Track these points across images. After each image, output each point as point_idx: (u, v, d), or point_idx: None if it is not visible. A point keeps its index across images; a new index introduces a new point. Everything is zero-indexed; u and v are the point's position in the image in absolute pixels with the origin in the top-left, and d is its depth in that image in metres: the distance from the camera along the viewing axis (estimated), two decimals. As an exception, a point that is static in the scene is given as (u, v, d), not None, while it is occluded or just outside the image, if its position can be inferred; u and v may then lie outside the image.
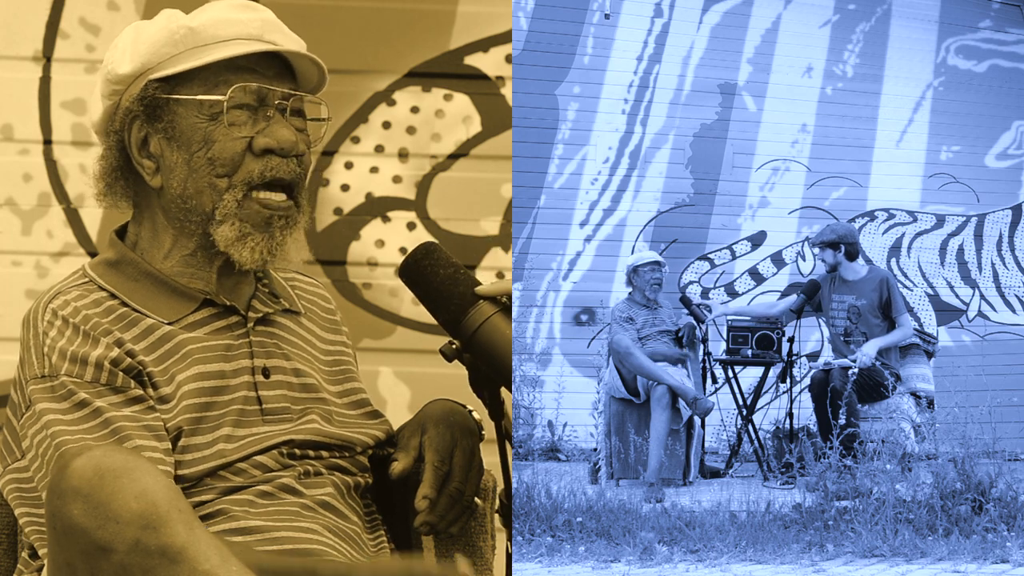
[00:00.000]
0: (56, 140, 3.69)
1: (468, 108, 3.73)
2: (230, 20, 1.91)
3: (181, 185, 1.89)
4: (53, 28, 3.68)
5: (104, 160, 1.92)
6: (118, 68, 1.89)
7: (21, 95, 3.67)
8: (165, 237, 1.93)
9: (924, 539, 4.73)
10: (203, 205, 1.89)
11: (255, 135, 1.88)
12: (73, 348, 1.82)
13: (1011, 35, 8.04)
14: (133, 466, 1.61)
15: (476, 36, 3.73)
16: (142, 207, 1.95)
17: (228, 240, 1.88)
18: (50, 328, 1.84)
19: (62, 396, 1.78)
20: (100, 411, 1.78)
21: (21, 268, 3.67)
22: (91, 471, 1.59)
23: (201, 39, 1.89)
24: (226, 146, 1.88)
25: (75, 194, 3.68)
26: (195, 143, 1.88)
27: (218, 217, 1.88)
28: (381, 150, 3.73)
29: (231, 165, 1.88)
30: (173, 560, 1.58)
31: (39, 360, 1.82)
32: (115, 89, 1.90)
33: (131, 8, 3.67)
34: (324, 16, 3.53)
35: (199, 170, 1.88)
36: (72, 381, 1.79)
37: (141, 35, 1.91)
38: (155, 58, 1.89)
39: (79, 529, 1.59)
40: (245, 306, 1.96)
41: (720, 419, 6.51)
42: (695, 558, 4.60)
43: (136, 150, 1.90)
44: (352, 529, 1.92)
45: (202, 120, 1.88)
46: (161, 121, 1.89)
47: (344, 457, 1.96)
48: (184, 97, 1.88)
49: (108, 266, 1.93)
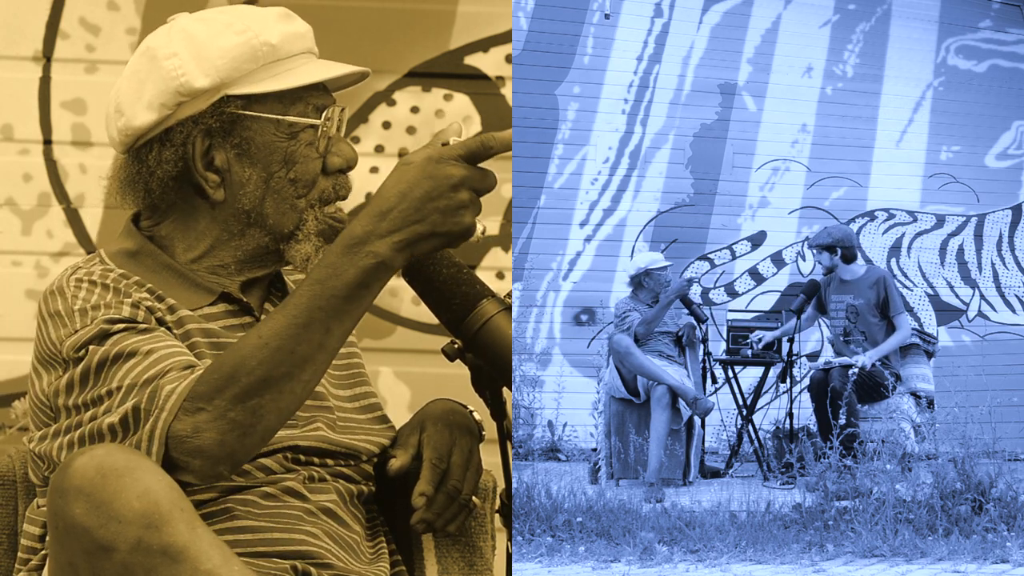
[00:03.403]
0: (56, 140, 3.69)
1: (468, 108, 3.73)
2: (297, 34, 1.89)
3: (254, 202, 1.87)
4: (53, 28, 3.68)
5: (160, 169, 1.86)
6: (193, 81, 1.83)
7: (21, 95, 3.67)
8: (200, 243, 1.90)
9: (924, 539, 4.73)
10: (283, 225, 1.88)
11: (327, 155, 1.89)
12: (106, 301, 1.80)
13: (1011, 35, 8.04)
14: (135, 465, 1.61)
15: (476, 36, 3.73)
16: (176, 210, 1.91)
17: (303, 256, 1.88)
18: (78, 291, 1.81)
19: (111, 332, 1.76)
20: (158, 338, 1.77)
21: (21, 268, 3.67)
22: (93, 470, 1.59)
23: (278, 55, 1.86)
24: (308, 167, 1.87)
25: (75, 194, 3.68)
26: (275, 162, 1.86)
27: (299, 236, 1.88)
28: (381, 150, 3.73)
29: (310, 185, 1.88)
30: (175, 559, 1.58)
31: (70, 319, 1.78)
32: (181, 100, 1.84)
33: (131, 8, 3.67)
34: (324, 16, 3.54)
35: (281, 190, 1.87)
36: (112, 326, 1.77)
37: (210, 45, 1.85)
38: (236, 73, 1.84)
39: (81, 528, 1.59)
40: (259, 308, 1.96)
41: (720, 419, 6.51)
42: (695, 558, 4.60)
43: (200, 163, 1.87)
44: (352, 538, 1.92)
45: (280, 138, 1.86)
46: (233, 136, 1.85)
47: (349, 465, 1.96)
48: (266, 115, 1.86)
49: (127, 256, 1.90)
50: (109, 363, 1.74)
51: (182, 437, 1.65)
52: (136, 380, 1.71)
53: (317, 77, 1.88)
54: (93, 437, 1.72)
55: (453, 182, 1.67)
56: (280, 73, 1.86)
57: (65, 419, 1.78)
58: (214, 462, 1.67)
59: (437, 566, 2.07)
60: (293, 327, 1.67)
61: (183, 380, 1.68)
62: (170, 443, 1.66)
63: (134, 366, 1.72)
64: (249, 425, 1.67)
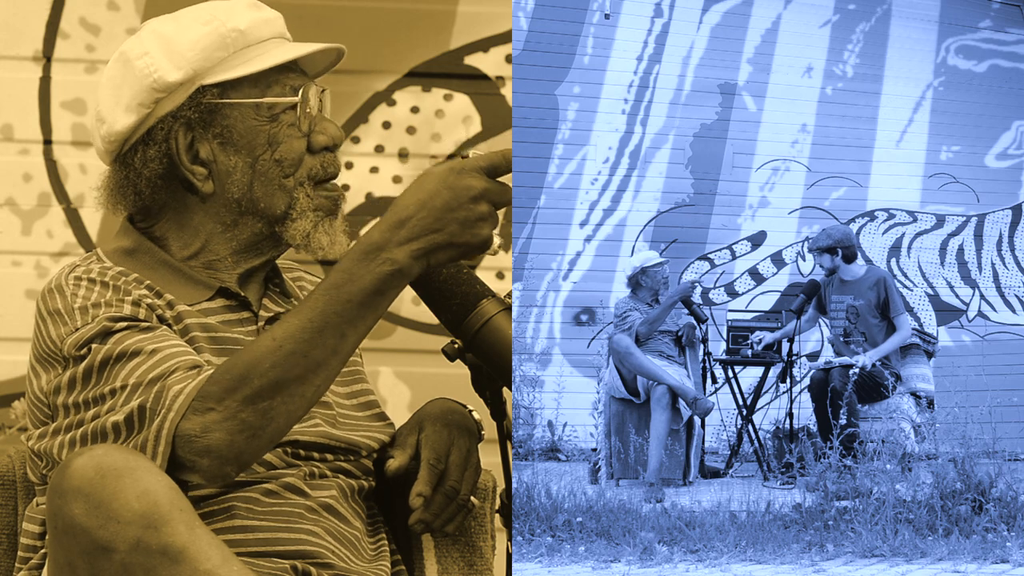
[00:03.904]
0: (56, 140, 3.69)
1: (468, 108, 3.73)
2: (265, 19, 1.91)
3: (242, 189, 1.88)
4: (53, 28, 3.68)
5: (147, 169, 1.87)
6: (166, 76, 1.84)
7: (21, 95, 3.68)
8: (195, 240, 1.91)
9: (924, 539, 4.73)
10: (274, 207, 1.89)
11: (312, 133, 1.90)
12: (107, 299, 1.80)
13: (1011, 35, 8.04)
14: (135, 465, 1.61)
15: (476, 36, 3.73)
16: (168, 209, 1.92)
17: (303, 233, 1.89)
18: (78, 289, 1.81)
19: (113, 331, 1.76)
20: (162, 336, 1.77)
21: (21, 268, 3.67)
22: (92, 470, 1.59)
23: (248, 40, 1.88)
24: (292, 146, 1.88)
25: (75, 194, 3.69)
26: (259, 146, 1.87)
27: (293, 216, 1.89)
28: (381, 150, 3.73)
29: (296, 164, 1.89)
30: (174, 560, 1.58)
31: (71, 317, 1.78)
32: (158, 97, 1.85)
33: (131, 8, 3.67)
34: (324, 16, 3.54)
35: (267, 172, 1.88)
36: (114, 324, 1.77)
37: (179, 39, 1.86)
38: (207, 63, 1.85)
39: (80, 528, 1.59)
40: (256, 304, 1.96)
41: (720, 419, 6.51)
42: (695, 558, 4.60)
43: (185, 157, 1.87)
44: (353, 534, 1.92)
45: (262, 122, 1.87)
46: (215, 126, 1.86)
47: (349, 460, 1.96)
48: (244, 101, 1.87)
49: (124, 254, 1.91)
50: (113, 361, 1.74)
51: (191, 436, 1.65)
52: (141, 379, 1.71)
53: (288, 56, 1.89)
54: (96, 435, 1.72)
55: (473, 194, 1.69)
56: (252, 58, 1.88)
57: (65, 417, 1.78)
58: (222, 462, 1.67)
59: (437, 566, 2.07)
60: (308, 331, 1.68)
61: (191, 380, 1.68)
62: (178, 442, 1.66)
63: (138, 365, 1.72)
64: (259, 427, 1.67)
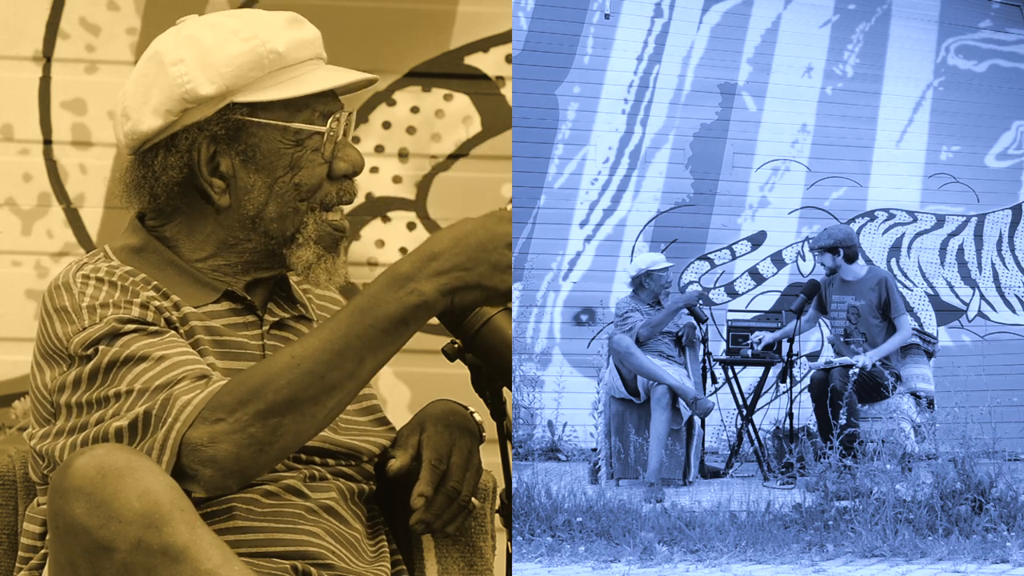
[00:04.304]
0: (56, 140, 3.69)
1: (468, 108, 3.73)
2: (304, 40, 1.89)
3: (258, 208, 1.87)
4: (53, 28, 3.68)
5: (165, 175, 1.86)
6: (198, 89, 1.83)
7: (21, 95, 3.68)
8: (205, 246, 1.91)
9: (924, 539, 4.73)
10: (285, 229, 1.89)
11: (334, 160, 1.90)
12: (115, 299, 1.79)
13: (1011, 35, 8.04)
14: (136, 465, 1.61)
15: (476, 36, 3.73)
16: (181, 213, 1.91)
17: (305, 263, 1.89)
18: (86, 287, 1.81)
19: (121, 333, 1.76)
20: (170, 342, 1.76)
21: (21, 268, 3.67)
22: (93, 470, 1.59)
23: (285, 62, 1.87)
24: (313, 172, 1.88)
25: (75, 194, 3.69)
26: (280, 168, 1.87)
27: (300, 240, 1.89)
28: (381, 150, 3.73)
29: (314, 190, 1.89)
30: (175, 559, 1.59)
31: (78, 316, 1.78)
32: (187, 107, 1.85)
33: (131, 8, 3.67)
34: (324, 16, 3.53)
35: (284, 195, 1.88)
36: (123, 326, 1.77)
37: (217, 53, 1.84)
38: (241, 81, 1.84)
39: (81, 528, 1.59)
40: (262, 308, 1.96)
41: (720, 419, 6.51)
42: (695, 558, 4.60)
43: (205, 169, 1.87)
44: (353, 535, 1.92)
45: (287, 145, 1.87)
46: (239, 143, 1.86)
47: (350, 465, 1.96)
48: (273, 123, 1.86)
49: (132, 252, 1.90)
50: (119, 364, 1.74)
51: (197, 445, 1.65)
52: (147, 385, 1.71)
53: (323, 85, 1.88)
54: (99, 440, 1.72)
55: (508, 240, 1.73)
56: (286, 80, 1.87)
57: (68, 418, 1.77)
58: (224, 474, 1.67)
59: (437, 566, 2.07)
60: (327, 352, 1.68)
61: (199, 391, 1.68)
62: (183, 450, 1.66)
63: (145, 370, 1.72)
64: (267, 443, 1.67)
